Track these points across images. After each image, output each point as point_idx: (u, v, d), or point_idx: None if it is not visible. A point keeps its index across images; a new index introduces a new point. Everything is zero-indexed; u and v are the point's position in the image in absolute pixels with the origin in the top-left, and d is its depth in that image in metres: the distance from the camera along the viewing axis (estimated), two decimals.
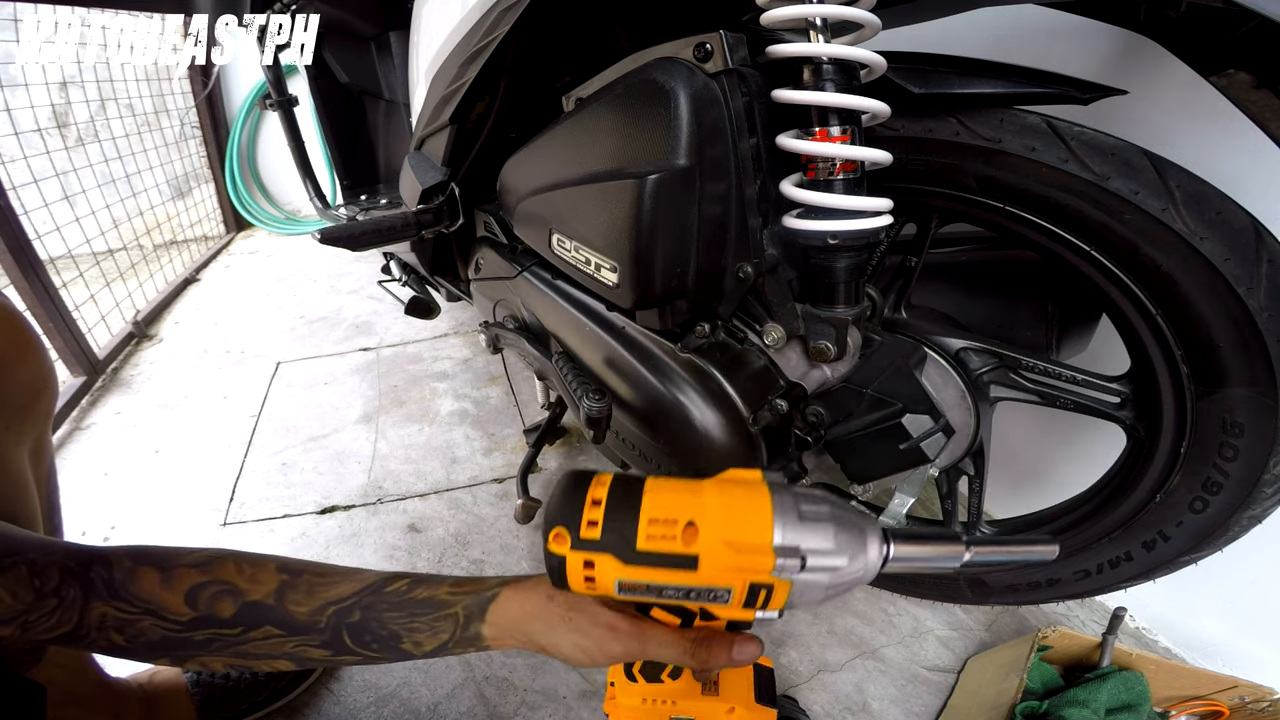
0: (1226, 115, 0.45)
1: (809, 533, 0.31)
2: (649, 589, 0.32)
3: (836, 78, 0.48)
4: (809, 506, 0.32)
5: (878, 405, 0.61)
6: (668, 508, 0.32)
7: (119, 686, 0.68)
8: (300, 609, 0.39)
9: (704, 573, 0.31)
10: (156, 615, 0.38)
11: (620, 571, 0.31)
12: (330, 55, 1.33)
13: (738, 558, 0.30)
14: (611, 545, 0.31)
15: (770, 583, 0.31)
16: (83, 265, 1.62)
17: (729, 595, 0.31)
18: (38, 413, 0.51)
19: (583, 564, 0.32)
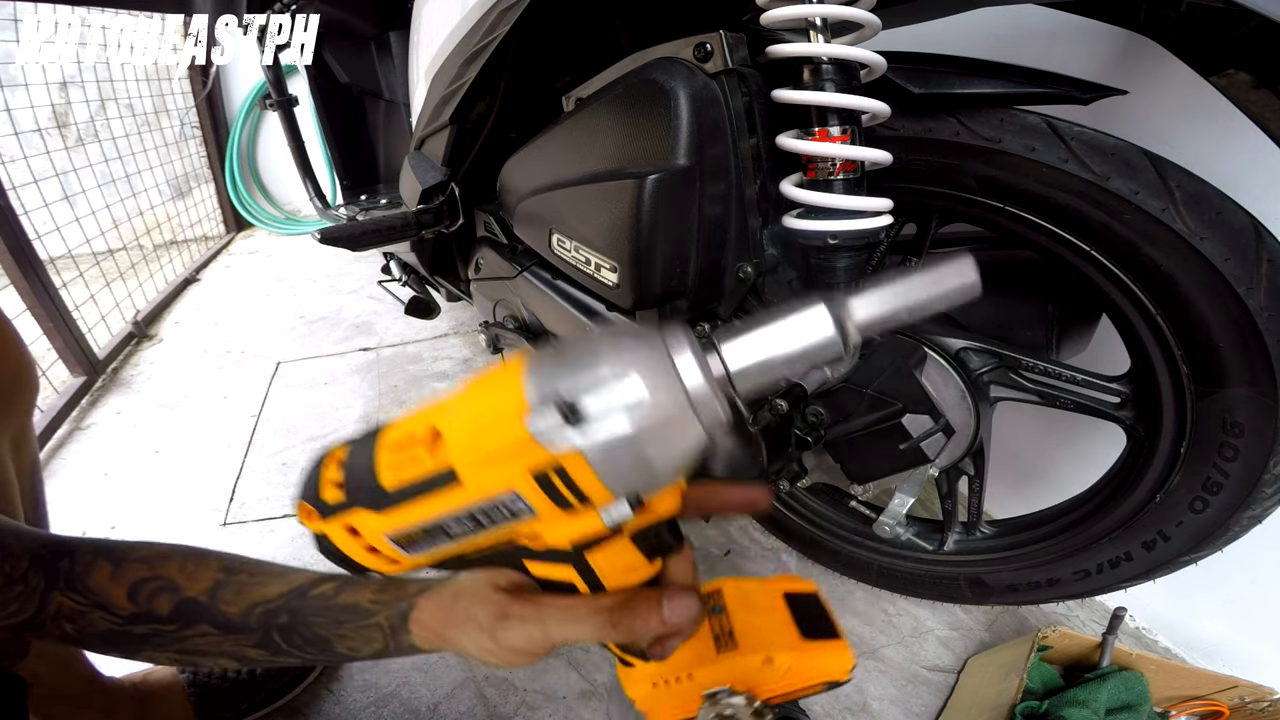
0: (1226, 115, 0.45)
1: (568, 371, 0.22)
2: (428, 533, 0.25)
3: (836, 78, 0.48)
4: (568, 348, 0.23)
5: (878, 405, 0.61)
6: (405, 428, 0.26)
7: (111, 685, 0.68)
8: (231, 608, 0.37)
9: (471, 483, 0.23)
10: (104, 609, 0.38)
11: (381, 523, 0.25)
12: (330, 55, 1.33)
13: (497, 443, 0.22)
14: (359, 497, 0.25)
15: (552, 461, 0.21)
16: (83, 265, 1.62)
17: (522, 500, 0.23)
18: (18, 405, 0.51)
19: (347, 531, 0.27)
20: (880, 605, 0.94)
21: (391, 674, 0.81)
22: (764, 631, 0.36)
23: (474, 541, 0.25)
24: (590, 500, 0.23)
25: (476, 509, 0.24)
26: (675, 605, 0.29)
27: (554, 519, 0.24)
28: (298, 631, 0.37)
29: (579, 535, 0.25)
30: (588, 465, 0.22)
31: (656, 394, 0.21)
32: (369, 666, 0.82)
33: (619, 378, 0.21)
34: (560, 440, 0.21)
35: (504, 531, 0.25)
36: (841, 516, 0.90)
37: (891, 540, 0.82)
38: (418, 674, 0.82)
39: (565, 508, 0.23)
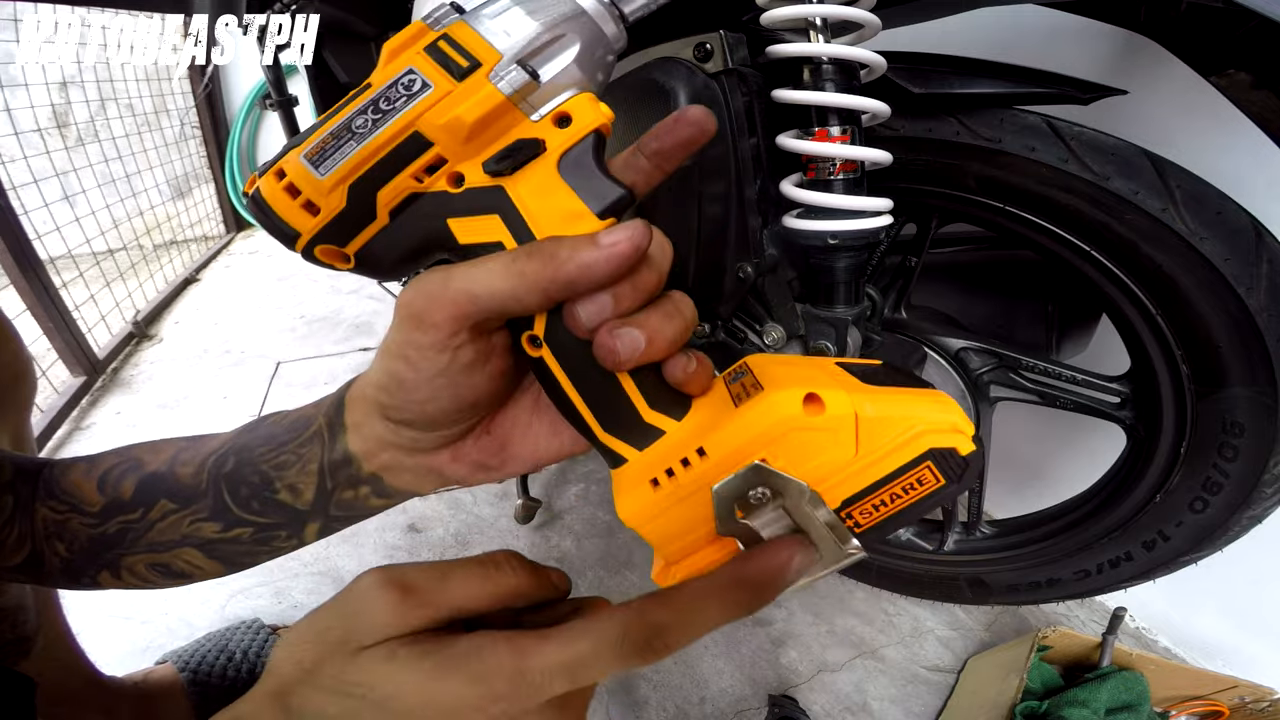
0: (1226, 115, 0.45)
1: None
2: (335, 135, 0.24)
3: (836, 78, 0.49)
4: None
5: None
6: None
7: (112, 684, 0.68)
8: (187, 470, 0.34)
9: (377, 79, 0.24)
10: (78, 510, 0.36)
11: (302, 149, 0.25)
12: (330, 55, 1.33)
13: (396, 51, 0.25)
14: (291, 145, 0.25)
15: (443, 33, 0.24)
16: (83, 265, 1.62)
17: (416, 74, 0.23)
18: (16, 401, 0.51)
19: (275, 177, 0.25)
20: (880, 605, 0.94)
21: None
22: (803, 377, 0.23)
23: (377, 141, 0.23)
24: (479, 62, 0.23)
25: (375, 97, 0.24)
26: (614, 228, 0.22)
27: (448, 93, 0.23)
28: (242, 477, 0.33)
29: (481, 112, 0.23)
30: (470, 29, 0.23)
31: None
32: None
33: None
34: (448, 20, 0.24)
35: (402, 121, 0.23)
36: None
37: (891, 540, 0.82)
38: None
39: (457, 73, 0.23)
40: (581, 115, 0.25)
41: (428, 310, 0.23)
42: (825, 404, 0.21)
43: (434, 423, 0.27)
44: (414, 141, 0.24)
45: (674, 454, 0.24)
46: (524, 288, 0.22)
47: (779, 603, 0.93)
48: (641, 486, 0.24)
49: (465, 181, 0.24)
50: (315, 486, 0.31)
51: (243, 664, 0.74)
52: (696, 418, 0.24)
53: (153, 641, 0.84)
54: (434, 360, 0.24)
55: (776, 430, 0.22)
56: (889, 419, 0.21)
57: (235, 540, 0.34)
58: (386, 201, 0.25)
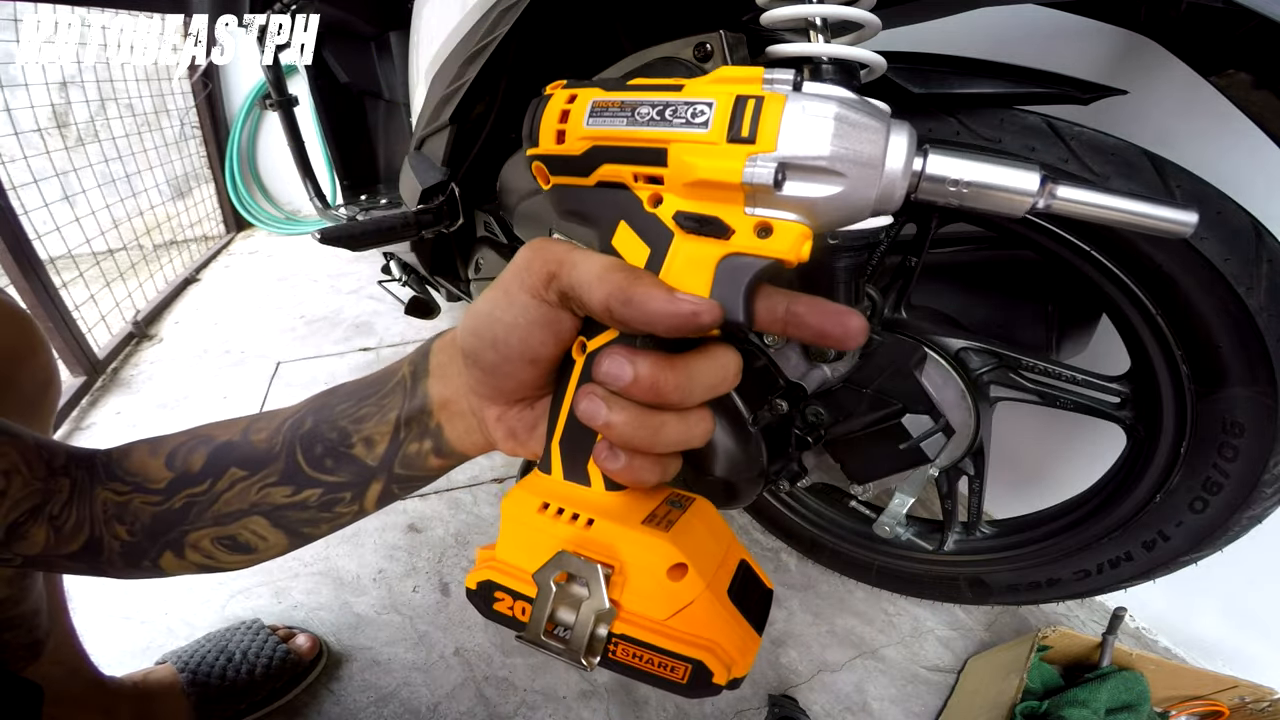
0: (1226, 115, 0.45)
1: (813, 82, 0.26)
2: (622, 106, 0.26)
3: (836, 78, 0.48)
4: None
5: (878, 405, 0.61)
6: (657, 79, 0.28)
7: (112, 685, 0.68)
8: (261, 436, 0.36)
9: (687, 91, 0.26)
10: (142, 489, 0.37)
11: (600, 94, 0.27)
12: (330, 55, 1.33)
13: (730, 73, 0.26)
14: (600, 83, 0.28)
15: (759, 94, 0.24)
16: (83, 265, 1.62)
17: (710, 110, 0.25)
18: (44, 407, 0.53)
19: (566, 97, 0.28)
20: (880, 605, 0.94)
21: (392, 674, 0.82)
22: (701, 549, 0.27)
23: (635, 133, 0.26)
24: (754, 140, 0.24)
25: (672, 103, 0.26)
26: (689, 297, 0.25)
27: (711, 144, 0.25)
28: (319, 435, 0.35)
29: (712, 175, 0.25)
30: (781, 108, 0.24)
31: (863, 107, 0.24)
32: (369, 666, 0.82)
33: (842, 89, 0.25)
34: (779, 89, 0.25)
35: (664, 135, 0.26)
36: (841, 516, 0.90)
37: (891, 540, 0.82)
38: (418, 674, 0.82)
39: (733, 133, 0.24)
40: (780, 241, 0.26)
41: (534, 262, 0.27)
42: (684, 579, 0.26)
43: (498, 364, 0.30)
44: (657, 154, 0.26)
45: (578, 505, 0.28)
46: (601, 287, 0.25)
47: (779, 603, 0.93)
48: (536, 498, 0.28)
49: (659, 208, 0.27)
50: (389, 438, 0.34)
51: (242, 664, 0.74)
52: (616, 499, 0.28)
53: (153, 641, 0.84)
54: (523, 302, 0.28)
55: (639, 565, 0.26)
56: (703, 621, 0.26)
57: (303, 505, 0.36)
58: (603, 174, 0.28)
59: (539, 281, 0.27)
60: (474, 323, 0.30)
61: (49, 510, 0.36)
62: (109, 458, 0.38)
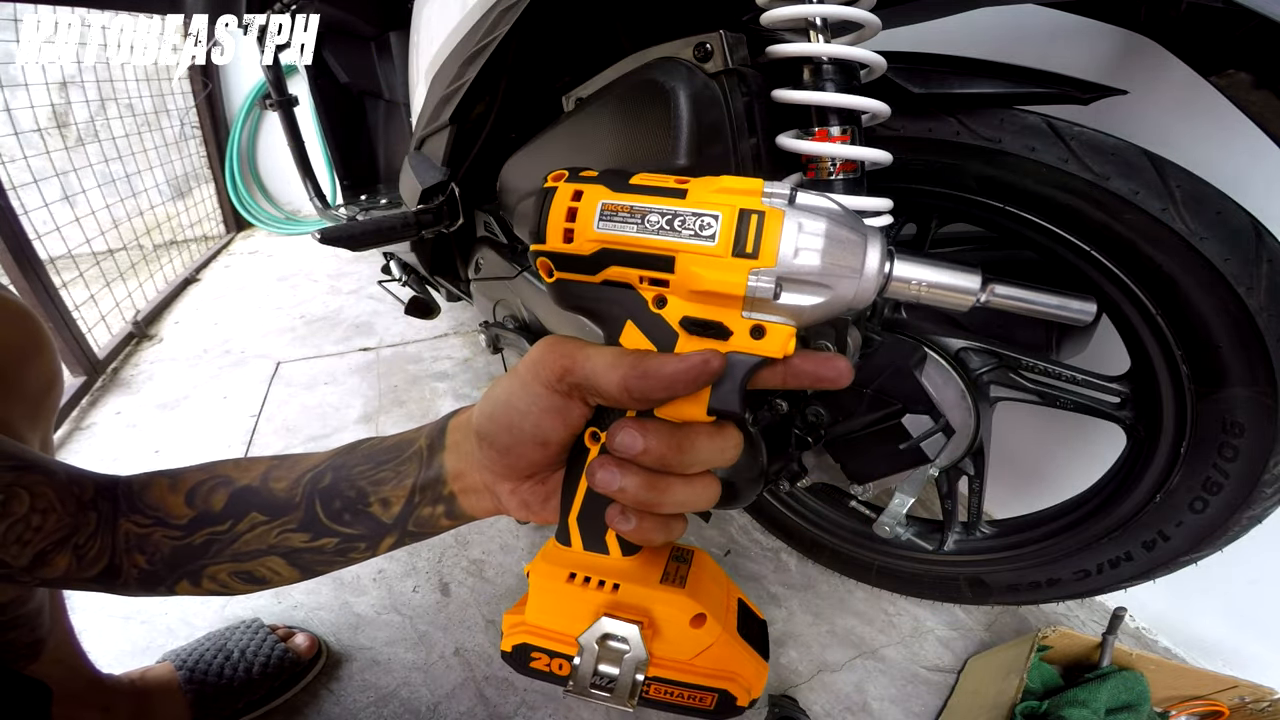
0: (1226, 115, 0.45)
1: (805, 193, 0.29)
2: (631, 211, 0.28)
3: (836, 78, 0.48)
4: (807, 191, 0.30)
5: (878, 405, 0.61)
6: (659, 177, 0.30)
7: (109, 682, 0.68)
8: (280, 484, 0.38)
9: (692, 198, 0.28)
10: (163, 524, 0.38)
11: (608, 195, 0.29)
12: (330, 55, 1.33)
13: (733, 184, 0.29)
14: (605, 179, 0.30)
15: (760, 209, 0.27)
16: (83, 265, 1.62)
17: (716, 224, 0.27)
18: (47, 406, 0.53)
19: (571, 194, 0.29)
20: (880, 605, 0.94)
21: (392, 674, 0.82)
22: (710, 598, 0.32)
23: (645, 241, 0.28)
24: (757, 255, 0.27)
25: (680, 213, 0.28)
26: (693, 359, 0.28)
27: (717, 256, 0.27)
28: (338, 491, 0.37)
29: (717, 286, 0.28)
30: (780, 225, 0.27)
31: (847, 221, 0.28)
32: (369, 666, 0.82)
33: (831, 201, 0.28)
34: (778, 204, 0.28)
35: (673, 245, 0.28)
36: (841, 516, 0.90)
37: (891, 540, 0.82)
38: (418, 674, 0.82)
39: (738, 248, 0.27)
40: (772, 341, 0.29)
41: (548, 357, 0.30)
42: (704, 626, 0.31)
43: (511, 448, 0.33)
44: (665, 261, 0.28)
45: (601, 572, 0.32)
46: (615, 372, 0.28)
47: (779, 603, 0.93)
48: (562, 570, 0.32)
49: (664, 309, 0.30)
50: (404, 501, 0.37)
51: (240, 663, 0.74)
52: (632, 563, 0.32)
53: (153, 641, 0.84)
54: (537, 392, 0.31)
55: (666, 618, 0.31)
56: (723, 658, 0.31)
57: (319, 550, 0.38)
58: (610, 274, 0.30)
59: (553, 375, 0.30)
60: (490, 408, 0.33)
61: (75, 540, 0.37)
62: (130, 489, 0.40)
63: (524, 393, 0.31)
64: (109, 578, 0.39)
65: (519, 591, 0.93)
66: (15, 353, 0.49)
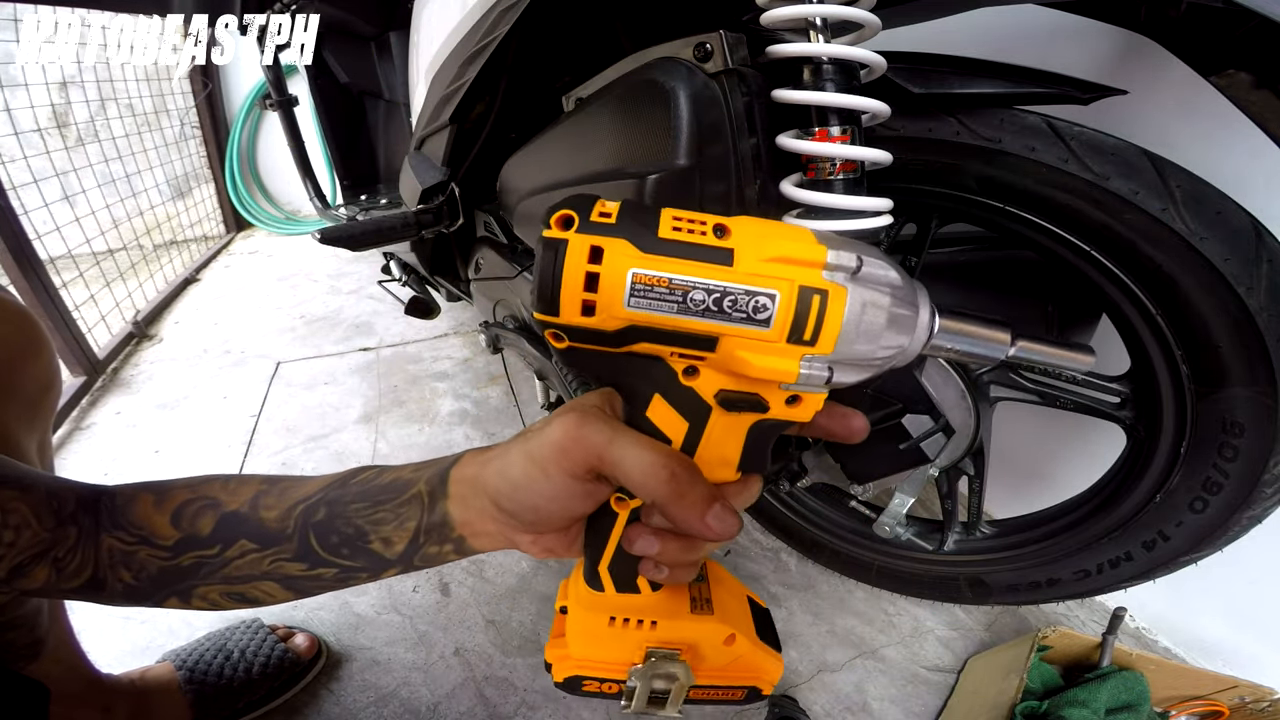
0: (1226, 115, 0.45)
1: (859, 246, 0.26)
2: (671, 288, 0.24)
3: (836, 78, 0.48)
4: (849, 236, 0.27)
5: (878, 405, 0.61)
6: (689, 214, 0.26)
7: (109, 682, 0.68)
8: (271, 514, 0.37)
9: (742, 269, 0.24)
10: (149, 543, 0.37)
11: (637, 259, 0.24)
12: (330, 55, 1.33)
13: (789, 250, 0.24)
14: (628, 230, 0.24)
15: (824, 288, 0.24)
16: (83, 265, 1.62)
17: (773, 305, 0.24)
18: (45, 408, 0.53)
19: (588, 252, 0.24)
20: (880, 605, 0.94)
21: (392, 674, 0.82)
22: (733, 612, 0.35)
23: (688, 323, 0.24)
24: (815, 343, 0.25)
25: (731, 291, 0.24)
26: (722, 514, 0.27)
27: (770, 343, 0.25)
28: (334, 528, 0.36)
29: (766, 374, 0.25)
30: (843, 308, 0.24)
31: (905, 294, 0.26)
32: (369, 666, 0.82)
33: (889, 269, 0.26)
34: (839, 277, 0.25)
35: (719, 329, 0.25)
36: (841, 516, 0.90)
37: (891, 540, 0.82)
38: (418, 674, 0.82)
39: (795, 335, 0.24)
40: (806, 409, 0.28)
41: (574, 451, 0.28)
42: (735, 643, 0.34)
43: (536, 523, 0.32)
44: (707, 341, 0.25)
45: (637, 612, 0.33)
46: (646, 488, 0.27)
47: (779, 603, 0.93)
48: (601, 615, 0.33)
49: (695, 380, 0.28)
50: (408, 541, 0.35)
51: (240, 663, 0.74)
52: (661, 598, 0.33)
53: (153, 641, 0.84)
54: (563, 483, 0.30)
55: (703, 642, 0.34)
56: (751, 662, 0.35)
57: (317, 577, 0.37)
58: (639, 348, 0.26)
59: (579, 468, 0.29)
60: (509, 488, 0.31)
61: (54, 554, 0.36)
62: (113, 503, 0.39)
63: (547, 482, 0.30)
64: (93, 589, 0.38)
65: (519, 591, 0.93)
66: (12, 354, 0.48)
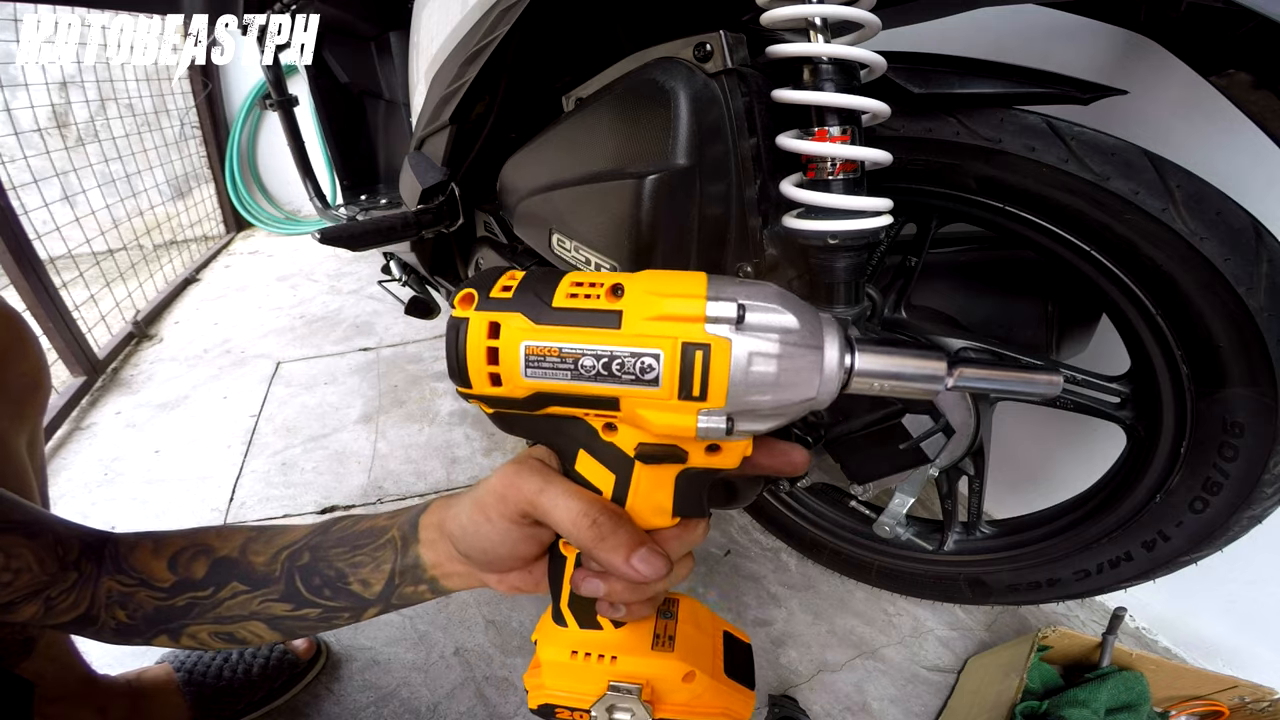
0: (1226, 115, 0.45)
1: (749, 288, 0.26)
2: (560, 359, 0.25)
3: (836, 78, 0.48)
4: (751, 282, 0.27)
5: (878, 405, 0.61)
6: (592, 275, 0.27)
7: (105, 682, 0.68)
8: (259, 559, 0.40)
9: (629, 331, 0.25)
10: (148, 585, 0.40)
11: (528, 333, 0.26)
12: (330, 55, 1.33)
13: (671, 308, 0.25)
14: (523, 303, 0.26)
15: (706, 341, 0.24)
16: (83, 265, 1.63)
17: (658, 364, 0.25)
18: (34, 406, 0.53)
19: (488, 329, 0.26)
20: (880, 605, 0.94)
21: (392, 674, 0.82)
22: (698, 650, 0.35)
23: (584, 388, 0.26)
24: (705, 397, 0.25)
25: (617, 355, 0.25)
26: (648, 557, 0.29)
27: (663, 400, 0.26)
28: (317, 571, 0.38)
29: (667, 431, 0.26)
30: (728, 360, 0.25)
31: (802, 337, 0.25)
32: (369, 666, 0.82)
33: (782, 312, 0.25)
34: (723, 329, 0.25)
35: (614, 391, 0.26)
36: (841, 516, 0.90)
37: (891, 540, 0.82)
38: (417, 674, 0.82)
39: (684, 392, 0.25)
40: (728, 457, 0.28)
41: (509, 495, 0.31)
42: (695, 680, 0.34)
43: (490, 564, 0.35)
44: (609, 401, 0.27)
45: (600, 648, 0.34)
46: (573, 535, 0.30)
47: (779, 603, 0.93)
48: (565, 646, 0.34)
49: (614, 436, 0.29)
50: (385, 581, 0.38)
51: (239, 664, 0.74)
52: (624, 634, 0.34)
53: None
54: (504, 527, 0.32)
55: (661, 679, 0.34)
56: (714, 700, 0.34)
57: (302, 618, 0.40)
58: (551, 410, 0.28)
59: (515, 513, 0.31)
60: (460, 533, 0.34)
61: (47, 594, 0.39)
62: (117, 550, 0.41)
63: (490, 527, 0.33)
64: (82, 624, 0.40)
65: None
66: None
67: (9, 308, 0.51)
